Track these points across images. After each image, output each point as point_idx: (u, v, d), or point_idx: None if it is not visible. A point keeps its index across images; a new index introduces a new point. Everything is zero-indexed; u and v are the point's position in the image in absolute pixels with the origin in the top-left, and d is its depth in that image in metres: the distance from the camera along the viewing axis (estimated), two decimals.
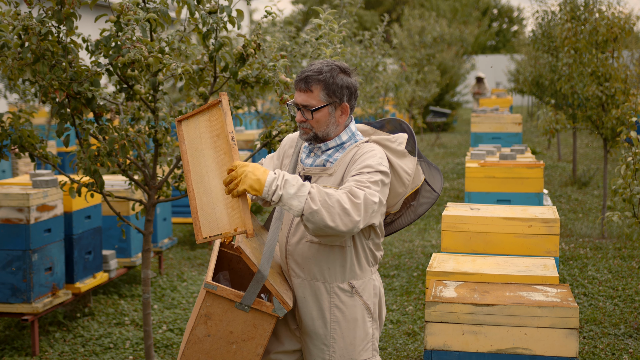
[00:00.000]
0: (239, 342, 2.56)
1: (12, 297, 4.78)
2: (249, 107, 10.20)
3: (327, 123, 2.68)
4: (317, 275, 2.70)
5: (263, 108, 12.88)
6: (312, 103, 2.65)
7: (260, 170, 2.41)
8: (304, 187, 2.43)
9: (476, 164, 6.18)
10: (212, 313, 2.53)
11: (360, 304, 2.74)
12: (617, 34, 7.58)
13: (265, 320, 2.55)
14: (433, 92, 17.30)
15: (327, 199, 2.43)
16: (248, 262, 2.51)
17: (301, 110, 2.67)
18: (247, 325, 2.54)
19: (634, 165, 4.67)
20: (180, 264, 7.13)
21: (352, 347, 2.74)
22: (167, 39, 3.80)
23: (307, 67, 2.69)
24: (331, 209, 2.42)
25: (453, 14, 31.17)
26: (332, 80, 2.64)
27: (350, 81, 2.69)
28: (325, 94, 2.65)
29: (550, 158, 14.51)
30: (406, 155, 2.74)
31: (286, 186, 2.41)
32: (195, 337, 2.55)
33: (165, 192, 4.13)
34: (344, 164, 2.67)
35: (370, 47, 10.52)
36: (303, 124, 2.68)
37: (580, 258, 7.03)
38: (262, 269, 2.51)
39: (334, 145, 2.72)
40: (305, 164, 2.76)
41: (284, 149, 2.91)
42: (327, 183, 2.67)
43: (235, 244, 2.51)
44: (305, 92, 2.65)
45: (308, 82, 2.64)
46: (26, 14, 3.54)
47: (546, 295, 2.96)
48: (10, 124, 3.88)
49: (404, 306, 5.75)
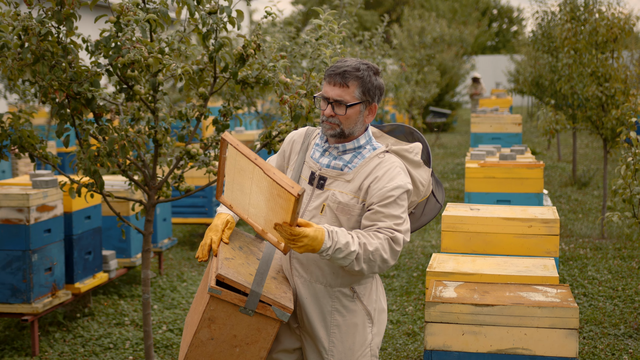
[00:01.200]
0: (243, 345, 2.55)
1: (12, 298, 4.78)
2: (248, 107, 10.21)
3: (356, 121, 2.65)
4: (320, 278, 2.70)
5: (263, 108, 12.88)
6: (347, 99, 2.62)
7: (318, 240, 2.43)
8: (351, 254, 2.49)
9: (476, 164, 6.18)
10: (216, 317, 2.51)
11: (361, 309, 2.74)
12: (617, 34, 7.58)
13: (269, 324, 2.54)
14: (433, 93, 17.30)
15: (370, 256, 2.52)
16: (236, 286, 2.50)
17: (332, 104, 2.63)
18: (251, 329, 2.53)
19: (634, 166, 4.68)
20: (180, 264, 7.13)
21: (350, 352, 2.73)
22: (167, 39, 3.80)
23: (340, 62, 2.65)
24: (372, 264, 2.54)
25: (453, 14, 31.17)
26: (368, 79, 2.63)
27: (381, 82, 2.69)
28: (360, 92, 2.63)
29: (550, 158, 14.51)
30: (422, 166, 2.76)
31: (336, 253, 2.48)
32: (199, 340, 2.53)
33: (165, 192, 4.13)
34: (364, 173, 2.65)
35: (370, 48, 10.52)
36: (331, 118, 2.64)
37: (580, 258, 7.03)
38: (254, 289, 2.49)
39: (351, 148, 2.69)
40: (321, 163, 2.71)
41: (290, 145, 2.85)
42: (344, 189, 2.64)
43: (215, 271, 2.50)
44: (341, 86, 2.61)
45: (345, 77, 2.60)
46: (26, 15, 3.54)
47: (546, 296, 2.96)
48: (10, 125, 3.88)
49: (404, 306, 5.75)
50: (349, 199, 2.63)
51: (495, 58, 31.07)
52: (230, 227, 2.70)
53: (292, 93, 3.87)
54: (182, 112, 4.05)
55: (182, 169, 4.14)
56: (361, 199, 2.63)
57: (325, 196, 2.66)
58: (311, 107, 3.84)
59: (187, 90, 4.07)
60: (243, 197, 2.55)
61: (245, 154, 2.46)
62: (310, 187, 2.69)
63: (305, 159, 2.76)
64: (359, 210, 2.63)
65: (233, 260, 2.61)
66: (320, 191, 2.67)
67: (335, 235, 2.47)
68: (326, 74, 2.66)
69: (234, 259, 2.62)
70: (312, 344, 2.75)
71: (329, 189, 2.66)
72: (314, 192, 2.69)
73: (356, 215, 2.63)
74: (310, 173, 2.71)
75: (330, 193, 2.65)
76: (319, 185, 2.68)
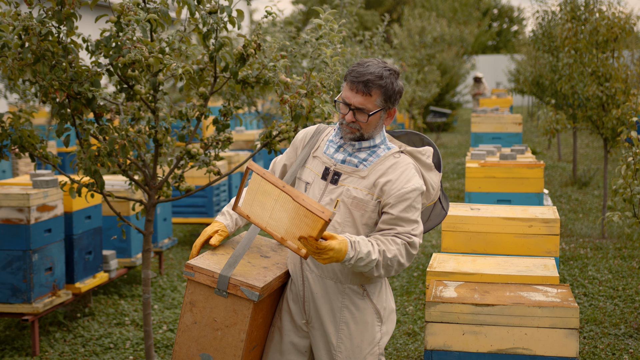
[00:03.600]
0: (223, 328, 2.64)
1: (13, 297, 4.78)
2: (249, 107, 10.21)
3: (376, 125, 2.68)
4: (330, 274, 2.72)
5: (263, 108, 12.87)
6: (369, 107, 2.63)
7: (342, 252, 2.49)
8: (372, 262, 2.55)
9: (476, 164, 6.18)
10: (196, 300, 2.65)
11: (371, 308, 2.76)
12: (618, 34, 7.58)
13: (243, 305, 2.60)
14: (433, 92, 17.30)
15: (388, 262, 2.59)
16: (205, 272, 2.62)
17: (353, 111, 2.64)
18: (228, 311, 2.62)
19: (635, 165, 4.68)
20: (181, 264, 7.13)
21: (358, 350, 2.74)
22: (168, 39, 3.80)
23: (362, 66, 2.64)
24: (389, 269, 2.62)
25: (453, 13, 31.16)
26: (391, 87, 2.64)
27: (402, 86, 2.70)
28: (382, 100, 2.64)
29: (551, 158, 14.50)
30: (433, 169, 2.79)
31: (358, 262, 2.53)
32: (184, 325, 2.67)
33: (165, 192, 4.13)
34: (379, 171, 2.67)
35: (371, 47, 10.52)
36: (352, 124, 2.66)
37: (581, 258, 7.03)
38: (223, 272, 2.60)
39: (367, 146, 2.71)
40: (335, 159, 2.73)
41: (303, 141, 2.86)
42: (359, 185, 2.66)
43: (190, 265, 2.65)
44: (363, 95, 2.62)
45: (368, 86, 2.61)
46: (26, 15, 3.54)
47: (546, 296, 2.96)
48: (11, 124, 3.88)
49: (405, 306, 5.75)
50: (364, 195, 2.66)
51: (495, 58, 31.07)
52: (221, 234, 2.76)
53: (293, 93, 3.87)
54: (182, 111, 4.05)
55: (183, 168, 4.14)
56: (376, 196, 2.65)
57: (340, 191, 2.68)
58: (311, 106, 3.85)
59: (187, 90, 4.07)
60: (263, 212, 2.61)
61: (273, 182, 2.51)
62: (324, 182, 2.72)
63: (317, 154, 2.78)
64: (372, 207, 2.66)
65: (215, 255, 2.72)
66: (334, 186, 2.70)
67: (357, 245, 2.52)
68: (348, 78, 2.65)
69: (217, 255, 2.72)
70: (321, 340, 2.76)
71: (343, 185, 2.69)
72: (327, 187, 2.71)
73: (369, 212, 2.66)
74: (324, 168, 2.73)
75: (344, 188, 2.68)
76: (332, 180, 2.70)
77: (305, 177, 2.77)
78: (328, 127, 2.87)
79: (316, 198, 2.70)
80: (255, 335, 2.74)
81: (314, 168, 2.76)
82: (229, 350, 2.64)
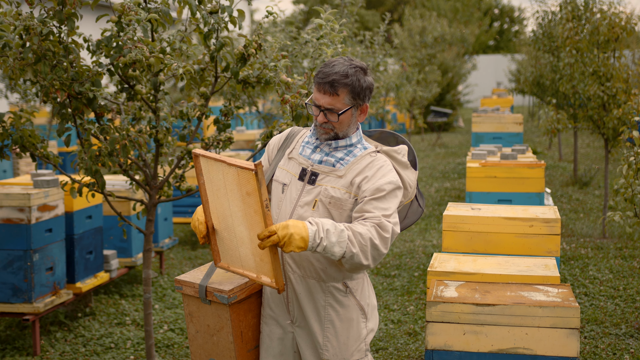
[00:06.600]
0: (215, 333, 2.77)
1: (14, 297, 4.79)
2: (250, 107, 10.21)
3: (349, 123, 2.69)
4: (313, 274, 2.72)
5: (264, 108, 12.88)
6: (338, 106, 2.64)
7: (300, 227, 2.45)
8: (343, 233, 2.51)
9: (477, 163, 6.18)
10: (192, 311, 2.82)
11: (355, 304, 2.76)
12: (619, 33, 7.58)
13: (223, 309, 2.70)
14: (434, 92, 17.31)
15: (361, 240, 2.53)
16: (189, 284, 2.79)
17: (324, 112, 2.66)
18: (214, 316, 2.75)
19: (636, 165, 4.68)
20: (182, 263, 7.13)
21: (345, 347, 2.75)
22: (169, 39, 3.81)
23: (328, 66, 2.65)
24: (365, 248, 2.54)
25: (454, 13, 31.16)
26: (357, 84, 2.64)
27: (371, 81, 2.70)
28: (350, 97, 2.65)
29: (552, 158, 14.50)
30: (409, 167, 2.79)
31: (328, 236, 2.48)
32: (191, 335, 2.86)
33: (166, 192, 4.13)
34: (356, 170, 2.68)
35: (372, 47, 10.53)
36: (325, 124, 2.68)
37: (582, 258, 7.03)
38: (201, 282, 2.75)
39: (343, 145, 2.72)
40: (312, 160, 2.74)
41: (278, 145, 2.88)
42: (336, 184, 2.67)
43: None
44: (331, 95, 2.63)
45: (335, 86, 2.62)
46: (27, 14, 3.54)
47: (547, 295, 2.96)
48: (12, 124, 3.88)
49: (405, 306, 5.75)
50: (342, 194, 2.66)
51: (496, 58, 31.07)
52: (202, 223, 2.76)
53: (294, 93, 3.87)
54: (183, 111, 4.05)
55: (183, 168, 4.15)
56: (353, 194, 2.66)
57: (318, 191, 2.69)
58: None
59: (188, 90, 4.07)
60: (230, 239, 2.65)
61: (211, 157, 2.56)
62: (302, 182, 2.72)
63: (293, 156, 2.79)
64: (351, 205, 2.66)
65: (199, 270, 2.90)
66: (312, 187, 2.70)
67: (317, 222, 2.50)
68: (315, 80, 2.67)
69: (202, 269, 2.90)
70: (307, 339, 2.77)
71: (320, 185, 2.69)
72: (305, 187, 2.71)
73: (348, 210, 2.67)
74: (301, 169, 2.74)
75: (322, 188, 2.69)
76: (310, 180, 2.71)
77: (282, 178, 2.78)
78: (303, 129, 2.89)
79: (294, 199, 2.71)
80: (250, 336, 2.80)
81: (290, 169, 2.77)
82: (226, 352, 2.75)
